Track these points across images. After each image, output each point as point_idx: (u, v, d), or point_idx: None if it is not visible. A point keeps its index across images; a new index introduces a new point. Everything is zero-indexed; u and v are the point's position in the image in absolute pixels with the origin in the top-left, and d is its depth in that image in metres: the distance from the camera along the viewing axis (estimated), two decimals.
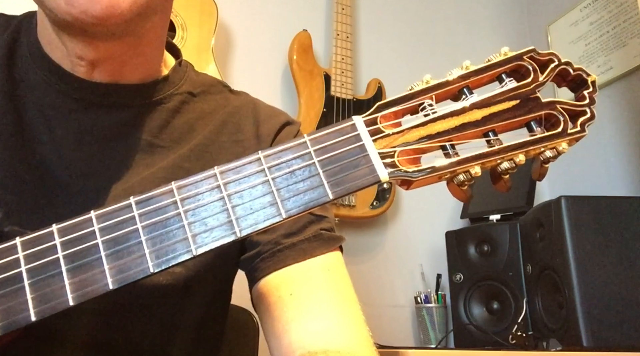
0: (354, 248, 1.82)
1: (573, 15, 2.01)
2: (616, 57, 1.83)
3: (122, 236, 0.43)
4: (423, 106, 0.47)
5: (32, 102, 0.61)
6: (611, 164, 1.80)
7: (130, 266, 0.42)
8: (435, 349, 1.61)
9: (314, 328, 0.58)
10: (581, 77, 0.49)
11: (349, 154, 0.45)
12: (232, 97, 0.73)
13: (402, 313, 1.84)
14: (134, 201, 0.44)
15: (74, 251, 0.43)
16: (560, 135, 0.46)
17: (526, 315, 1.47)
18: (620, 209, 1.33)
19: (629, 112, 1.78)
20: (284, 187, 0.44)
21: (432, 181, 0.47)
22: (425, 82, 0.48)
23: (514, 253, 1.54)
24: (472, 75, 0.48)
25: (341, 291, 0.62)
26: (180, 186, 0.44)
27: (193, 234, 0.43)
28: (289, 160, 0.45)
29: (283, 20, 1.88)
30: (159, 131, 0.64)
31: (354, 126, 0.46)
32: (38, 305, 0.41)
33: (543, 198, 1.87)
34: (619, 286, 1.26)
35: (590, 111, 0.48)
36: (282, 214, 0.44)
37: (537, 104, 0.47)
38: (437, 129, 0.46)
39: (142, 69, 0.64)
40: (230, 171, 0.45)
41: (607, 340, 1.22)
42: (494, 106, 0.47)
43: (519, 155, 0.46)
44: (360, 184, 0.45)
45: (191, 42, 1.57)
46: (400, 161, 0.45)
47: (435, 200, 1.96)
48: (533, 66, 0.48)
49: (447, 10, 2.16)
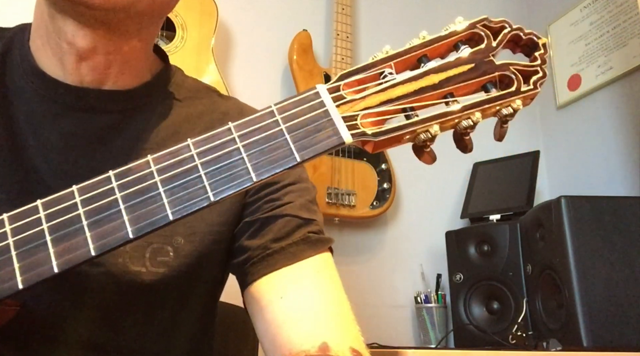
0: (354, 248, 1.82)
1: (573, 15, 2.01)
2: (616, 57, 1.83)
3: (102, 205, 0.45)
4: (384, 74, 0.50)
5: (20, 109, 0.63)
6: (611, 164, 1.80)
7: (110, 233, 0.44)
8: (435, 349, 1.61)
9: (305, 329, 0.59)
10: (533, 40, 0.52)
11: (314, 119, 0.48)
12: (220, 101, 0.73)
13: (402, 313, 1.84)
14: (112, 174, 0.46)
15: (58, 222, 0.45)
16: (514, 93, 0.49)
17: (526, 315, 1.48)
18: (620, 209, 1.33)
19: (629, 112, 1.78)
20: (254, 153, 0.47)
21: (395, 142, 0.49)
22: (385, 52, 0.51)
23: (514, 253, 1.54)
24: (429, 44, 0.51)
25: (331, 292, 0.63)
26: (156, 158, 0.47)
27: (169, 200, 0.45)
28: (257, 128, 0.48)
29: (283, 20, 1.88)
30: (143, 134, 0.65)
31: (318, 94, 0.49)
32: (24, 273, 0.43)
33: (543, 198, 1.87)
34: (619, 286, 1.26)
35: (542, 70, 0.50)
36: (252, 178, 0.46)
37: (491, 66, 0.50)
38: (397, 93, 0.49)
39: (126, 77, 0.64)
40: (202, 141, 0.47)
41: (607, 340, 1.22)
42: (450, 70, 0.50)
43: (476, 113, 0.49)
44: (325, 145, 0.47)
45: (191, 42, 1.57)
46: (364, 123, 0.48)
47: (435, 200, 1.97)
48: (486, 32, 0.51)
49: (447, 11, 2.16)
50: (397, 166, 1.80)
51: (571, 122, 1.98)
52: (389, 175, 1.78)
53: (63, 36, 0.60)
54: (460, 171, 1.96)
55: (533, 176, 1.73)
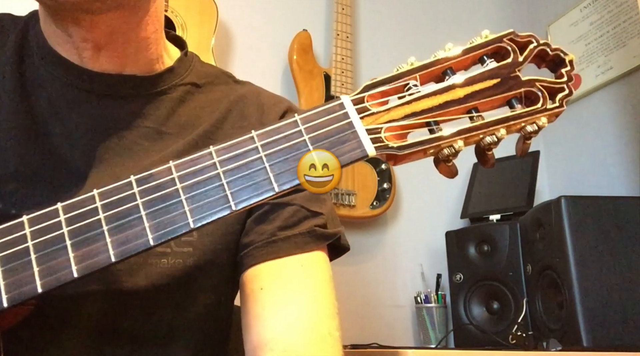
0: (354, 248, 1.81)
1: (573, 15, 2.01)
2: (616, 57, 1.83)
3: (123, 211, 0.45)
4: (408, 86, 0.49)
5: (42, 97, 0.63)
6: (611, 164, 1.80)
7: (131, 239, 0.44)
8: (435, 349, 1.61)
9: (279, 327, 0.59)
10: (559, 56, 0.51)
11: (338, 131, 0.47)
12: (237, 86, 0.75)
13: (402, 313, 1.84)
14: (134, 179, 0.46)
15: (78, 226, 0.45)
16: (540, 110, 0.49)
17: (526, 315, 1.48)
18: (620, 209, 1.33)
19: (629, 112, 1.78)
20: (276, 163, 0.46)
21: (418, 156, 0.49)
22: (410, 64, 0.50)
23: (514, 253, 1.54)
24: (455, 57, 0.50)
25: (316, 290, 0.63)
26: (178, 165, 0.47)
27: (190, 208, 0.45)
28: (281, 138, 0.47)
29: (283, 20, 1.88)
30: (165, 119, 0.66)
31: (342, 105, 0.48)
32: (44, 277, 0.43)
33: (543, 198, 1.87)
34: (619, 286, 1.26)
35: (568, 88, 0.50)
36: (275, 189, 0.46)
37: (517, 82, 0.49)
38: (422, 107, 0.48)
39: (144, 56, 0.65)
40: (225, 149, 0.47)
41: (607, 340, 1.22)
42: (475, 84, 0.49)
43: (501, 129, 0.48)
44: (348, 158, 0.47)
45: (191, 42, 1.56)
46: (387, 137, 0.48)
47: (435, 200, 1.96)
48: (513, 47, 0.50)
49: (447, 11, 2.16)
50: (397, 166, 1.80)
51: (571, 122, 1.98)
52: (389, 175, 1.78)
53: (76, 37, 0.61)
54: (460, 171, 1.95)
55: (533, 176, 1.73)
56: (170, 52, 0.71)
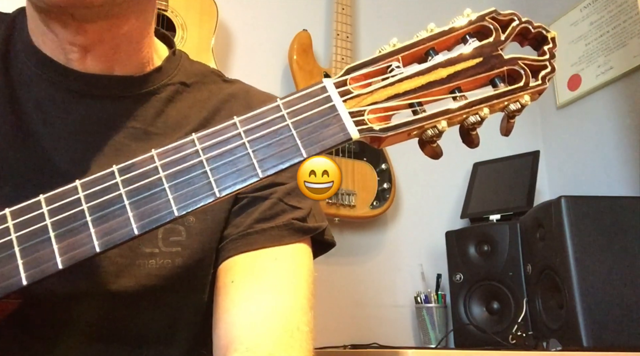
0: (354, 248, 1.82)
1: (573, 15, 2.01)
2: (616, 57, 1.83)
3: (106, 201, 0.45)
4: (391, 68, 0.49)
5: (28, 97, 0.62)
6: (611, 164, 1.80)
7: (115, 229, 0.44)
8: (435, 349, 1.61)
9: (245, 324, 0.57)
10: (542, 34, 0.50)
11: (320, 115, 0.47)
12: (226, 85, 0.73)
13: (402, 313, 1.84)
14: (116, 169, 0.46)
15: (62, 217, 0.44)
16: (523, 88, 0.48)
17: (526, 315, 1.48)
18: (620, 209, 1.33)
19: (629, 112, 1.78)
20: (259, 148, 0.46)
21: (402, 138, 0.48)
22: (392, 45, 0.50)
23: (514, 253, 1.54)
24: (437, 37, 0.50)
25: (289, 283, 0.61)
26: (160, 153, 0.46)
27: (174, 196, 0.45)
28: (263, 123, 0.47)
29: (283, 20, 1.87)
30: (153, 119, 0.65)
31: (324, 88, 0.48)
32: (29, 269, 0.43)
33: (543, 198, 1.87)
34: (619, 286, 1.26)
35: (550, 65, 0.49)
36: (259, 174, 0.45)
37: (500, 60, 0.49)
38: (405, 88, 0.48)
39: (134, 58, 0.64)
40: (207, 136, 0.47)
41: (607, 340, 1.22)
42: (458, 64, 0.49)
43: (484, 109, 0.48)
44: (332, 142, 0.46)
45: (191, 42, 1.57)
46: (371, 119, 0.47)
47: (435, 200, 1.96)
48: (495, 25, 0.50)
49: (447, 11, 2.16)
50: (397, 166, 1.80)
51: (571, 122, 1.98)
52: (389, 175, 1.78)
53: (63, 39, 0.59)
54: (460, 171, 1.95)
55: (533, 176, 1.73)
56: (159, 51, 0.70)
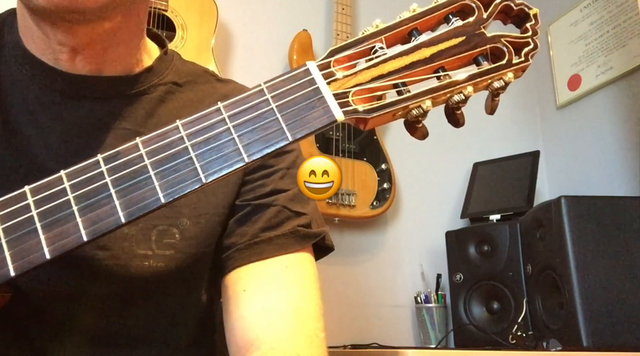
0: (354, 248, 1.82)
1: (573, 15, 2.01)
2: (616, 57, 1.83)
3: (92, 190, 0.45)
4: (375, 49, 0.49)
5: (16, 99, 0.62)
6: (611, 164, 1.80)
7: (102, 218, 0.44)
8: (435, 349, 1.61)
9: (263, 327, 0.58)
10: (524, 11, 0.51)
11: (305, 98, 0.47)
12: (220, 85, 0.72)
13: (402, 313, 1.84)
14: (101, 158, 0.46)
15: (47, 208, 0.44)
16: (506, 66, 0.49)
17: (526, 315, 1.48)
18: (620, 209, 1.33)
19: (629, 112, 1.78)
20: (244, 133, 0.46)
21: (387, 119, 0.48)
22: (375, 26, 0.50)
23: (514, 253, 1.54)
24: (420, 16, 0.50)
25: (301, 291, 0.62)
26: (145, 141, 0.46)
27: (160, 183, 0.45)
28: (248, 108, 0.47)
29: (283, 20, 1.88)
30: (144, 120, 0.64)
31: (308, 71, 0.48)
32: (16, 261, 0.43)
33: (543, 198, 1.87)
34: (619, 286, 1.26)
35: (533, 42, 0.50)
36: (244, 159, 0.45)
37: (483, 39, 0.49)
38: (389, 68, 0.48)
39: (124, 59, 0.64)
40: (192, 122, 0.47)
41: (607, 340, 1.22)
42: (441, 43, 0.49)
43: (468, 87, 0.48)
44: (317, 124, 0.46)
45: (191, 42, 1.57)
46: (355, 101, 0.47)
47: (435, 200, 1.96)
48: (477, 4, 0.50)
49: None
50: (397, 166, 1.80)
51: (571, 122, 1.98)
52: (389, 175, 1.78)
53: (53, 39, 0.59)
54: (460, 171, 1.95)
55: (533, 176, 1.73)
56: (151, 51, 0.69)
